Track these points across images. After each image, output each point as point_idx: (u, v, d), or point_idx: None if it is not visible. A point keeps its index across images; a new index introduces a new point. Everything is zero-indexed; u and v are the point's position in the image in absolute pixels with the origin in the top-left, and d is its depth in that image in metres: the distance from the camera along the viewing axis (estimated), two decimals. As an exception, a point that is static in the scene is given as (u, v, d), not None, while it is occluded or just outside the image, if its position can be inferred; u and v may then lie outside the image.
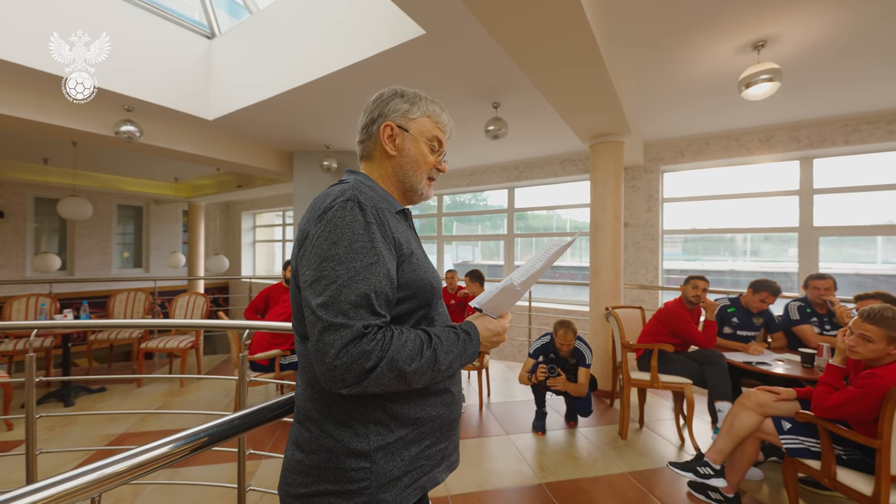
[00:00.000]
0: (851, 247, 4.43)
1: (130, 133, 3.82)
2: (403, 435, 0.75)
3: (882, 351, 1.65)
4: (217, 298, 9.14)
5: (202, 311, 4.76)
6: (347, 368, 0.65)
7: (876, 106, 3.71)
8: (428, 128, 0.89)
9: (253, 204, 9.47)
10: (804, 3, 2.25)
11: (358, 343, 0.65)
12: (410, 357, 0.69)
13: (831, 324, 2.80)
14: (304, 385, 0.80)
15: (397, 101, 0.87)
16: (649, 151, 5.03)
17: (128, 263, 8.63)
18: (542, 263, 0.83)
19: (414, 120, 0.87)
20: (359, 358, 0.65)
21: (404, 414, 0.76)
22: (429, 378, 0.73)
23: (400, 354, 0.68)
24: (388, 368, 0.67)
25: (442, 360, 0.74)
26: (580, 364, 2.90)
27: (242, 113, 4.05)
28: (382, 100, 0.88)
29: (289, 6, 3.57)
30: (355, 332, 0.65)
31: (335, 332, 0.65)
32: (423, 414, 0.78)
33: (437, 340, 0.74)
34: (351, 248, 0.69)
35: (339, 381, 0.65)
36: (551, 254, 0.84)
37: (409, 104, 0.87)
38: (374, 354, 0.66)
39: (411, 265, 0.78)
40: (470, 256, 8.98)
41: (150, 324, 1.87)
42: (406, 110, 0.87)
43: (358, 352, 0.65)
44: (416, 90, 0.91)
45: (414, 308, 0.80)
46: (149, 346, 4.15)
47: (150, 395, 3.77)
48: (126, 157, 5.83)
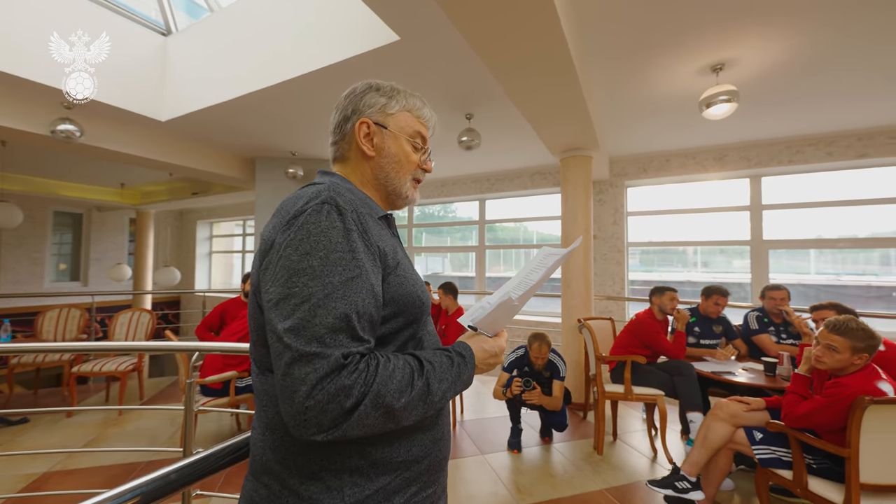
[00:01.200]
0: (789, 259, 4.75)
1: (69, 132, 3.46)
2: (385, 484, 0.62)
3: (846, 361, 1.70)
4: (166, 315, 8.48)
5: (147, 330, 4.33)
6: (323, 409, 0.52)
7: (817, 129, 4.03)
8: (409, 123, 0.79)
9: (210, 212, 8.93)
10: (760, 28, 2.38)
11: (336, 377, 0.53)
12: (399, 390, 0.57)
13: (787, 332, 2.93)
14: (261, 429, 0.65)
15: (373, 94, 0.77)
16: (614, 167, 5.20)
17: (64, 276, 7.85)
18: (539, 275, 0.76)
19: (393, 115, 0.77)
20: (337, 395, 0.52)
21: (386, 458, 0.63)
22: (420, 413, 0.61)
23: (387, 388, 0.56)
24: (373, 406, 0.55)
25: (435, 391, 0.62)
26: (554, 377, 2.85)
27: (200, 114, 3.79)
28: (356, 94, 0.78)
29: (254, 4, 3.40)
30: (333, 364, 0.53)
31: (308, 363, 0.53)
32: (408, 456, 0.65)
33: (428, 367, 0.62)
34: (327, 260, 0.57)
35: (313, 425, 0.52)
36: (550, 264, 0.76)
37: (386, 98, 0.77)
38: (355, 390, 0.53)
39: (398, 278, 0.67)
40: (440, 268, 8.91)
41: (76, 347, 1.62)
42: (383, 105, 0.77)
43: (336, 388, 0.52)
44: (393, 83, 0.81)
45: (401, 327, 0.68)
46: (82, 369, 3.70)
47: (82, 427, 3.34)
48: (65, 160, 5.32)
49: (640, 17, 2.30)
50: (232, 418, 3.41)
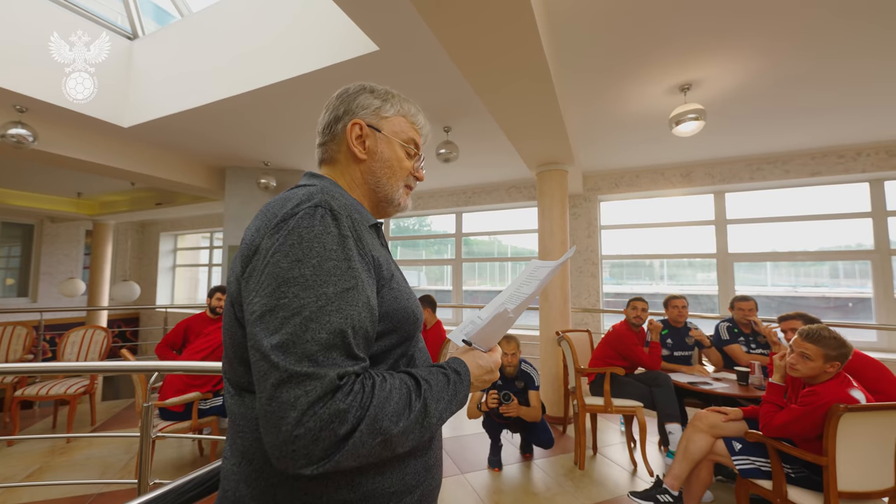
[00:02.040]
0: (747, 272, 4.97)
1: (20, 137, 3.22)
2: None
3: (819, 368, 1.74)
4: (123, 332, 7.96)
5: (102, 349, 4.01)
6: (315, 438, 0.46)
7: (775, 148, 4.27)
8: (403, 129, 0.76)
9: (175, 224, 8.54)
10: (722, 51, 2.51)
11: (330, 400, 0.47)
12: (397, 413, 0.52)
13: (756, 342, 3.02)
14: (235, 458, 0.58)
15: (367, 96, 0.74)
16: (588, 181, 5.34)
17: (10, 292, 7.26)
18: (532, 287, 0.73)
19: (387, 119, 0.74)
20: (331, 422, 0.46)
21: (378, 489, 0.57)
22: (416, 438, 0.55)
23: (384, 411, 0.51)
24: (370, 433, 0.49)
25: (433, 412, 0.56)
26: (529, 387, 2.78)
27: (167, 121, 3.63)
28: (349, 95, 0.74)
29: (225, 11, 3.32)
30: (327, 385, 0.47)
31: (298, 385, 0.47)
32: (401, 486, 0.59)
33: (426, 386, 0.57)
34: (321, 269, 0.52)
35: (301, 456, 0.46)
36: (542, 276, 0.74)
37: (380, 100, 0.74)
38: (350, 415, 0.48)
39: (392, 291, 0.62)
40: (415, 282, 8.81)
41: (20, 369, 1.45)
42: (378, 107, 0.74)
43: (330, 413, 0.46)
44: (388, 87, 0.78)
45: (394, 344, 0.63)
46: (26, 392, 3.37)
47: (25, 456, 3.01)
48: (15, 166, 4.96)
49: (610, 38, 2.38)
50: (194, 444, 3.17)
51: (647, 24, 2.25)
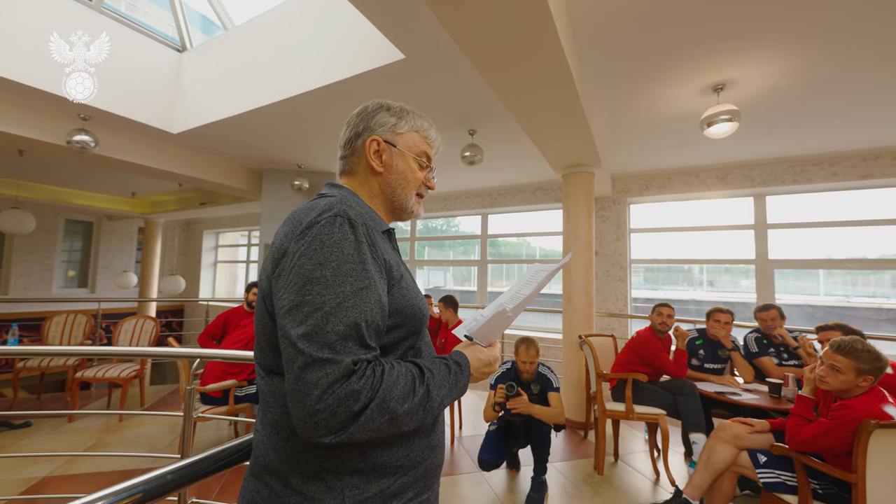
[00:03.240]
0: (797, 280, 4.70)
1: (84, 143, 3.56)
2: (384, 487, 0.65)
3: (851, 382, 1.67)
4: (170, 323, 8.53)
5: (151, 337, 4.36)
6: (333, 412, 0.55)
7: (821, 149, 4.03)
8: (416, 143, 0.84)
9: (216, 223, 9.06)
10: (757, 51, 2.43)
11: (346, 382, 0.56)
12: (403, 396, 0.60)
13: (788, 353, 2.88)
14: (266, 429, 0.67)
15: (383, 114, 0.82)
16: (617, 184, 5.23)
17: (72, 283, 7.95)
18: (531, 289, 0.80)
19: (402, 134, 0.82)
20: (346, 399, 0.55)
21: (386, 462, 0.65)
22: (419, 419, 0.64)
23: (392, 393, 0.59)
24: (379, 411, 0.58)
25: (434, 398, 0.65)
26: (546, 389, 2.60)
27: (210, 127, 3.89)
28: (367, 113, 0.82)
29: (265, 23, 3.53)
30: (344, 369, 0.56)
31: (320, 368, 0.55)
32: (406, 461, 0.67)
33: (429, 374, 0.65)
34: (340, 270, 0.60)
35: (322, 427, 0.55)
36: (541, 278, 0.81)
37: (396, 118, 0.82)
38: (363, 395, 0.56)
39: (401, 290, 0.70)
40: (441, 282, 8.91)
41: (78, 352, 1.64)
42: (393, 124, 0.82)
43: (346, 392, 0.55)
44: (402, 104, 0.86)
45: (402, 337, 0.71)
46: (85, 374, 3.72)
47: (83, 432, 3.35)
48: (78, 169, 5.45)
49: (638, 40, 2.35)
50: (230, 427, 3.39)
51: (677, 26, 2.21)
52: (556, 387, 2.62)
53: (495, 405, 2.48)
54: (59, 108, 3.49)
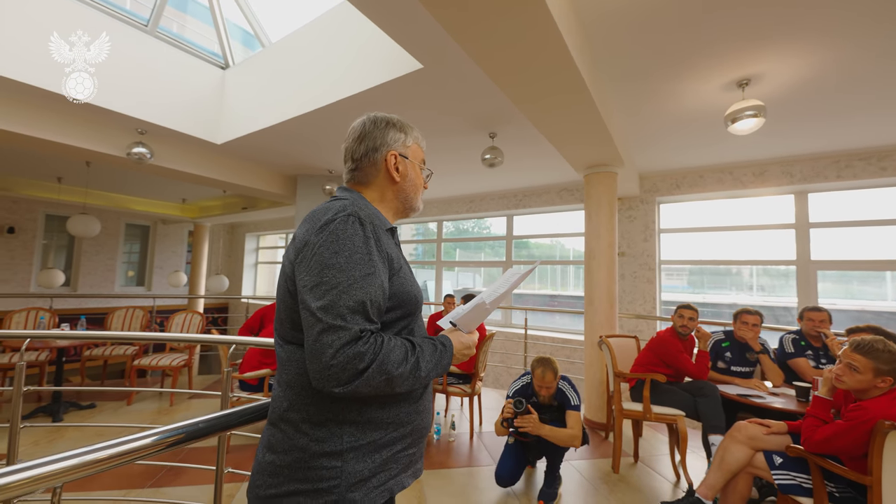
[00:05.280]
0: (860, 284, 4.40)
1: (142, 154, 3.97)
2: (376, 438, 0.79)
3: (868, 382, 1.63)
4: (216, 319, 9.15)
5: (198, 329, 4.77)
6: (343, 368, 0.69)
7: (867, 143, 3.79)
8: (418, 152, 1.01)
9: (257, 226, 9.63)
10: (782, 44, 2.37)
11: (354, 345, 0.70)
12: (398, 362, 0.74)
13: (827, 357, 2.75)
14: (282, 387, 0.82)
15: (395, 132, 0.96)
16: (644, 183, 5.12)
17: (131, 282, 8.73)
18: (505, 287, 0.94)
19: (409, 147, 0.98)
20: (353, 359, 0.69)
21: (379, 417, 0.79)
22: (410, 384, 0.77)
23: (389, 359, 0.73)
24: (378, 371, 0.71)
25: (423, 368, 0.79)
26: (565, 407, 2.37)
27: (250, 138, 4.22)
28: (378, 129, 0.95)
29: (298, 41, 3.79)
30: (352, 335, 0.70)
31: (334, 333, 0.69)
32: (396, 419, 0.82)
33: (419, 350, 0.80)
34: (351, 259, 0.75)
35: (334, 379, 0.69)
36: (514, 280, 0.96)
37: (403, 134, 0.97)
38: (367, 356, 0.70)
39: (400, 279, 0.84)
40: (471, 283, 8.98)
41: (136, 336, 1.90)
42: (403, 139, 0.97)
43: (353, 353, 0.69)
44: (397, 116, 0.99)
45: (399, 317, 0.85)
46: (141, 363, 4.14)
47: (139, 413, 3.74)
48: (136, 178, 6.03)
49: (654, 40, 2.36)
50: (266, 416, 3.66)
51: (697, 21, 2.18)
52: (576, 405, 2.35)
53: (503, 421, 2.31)
54: (120, 123, 3.91)
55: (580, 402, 2.38)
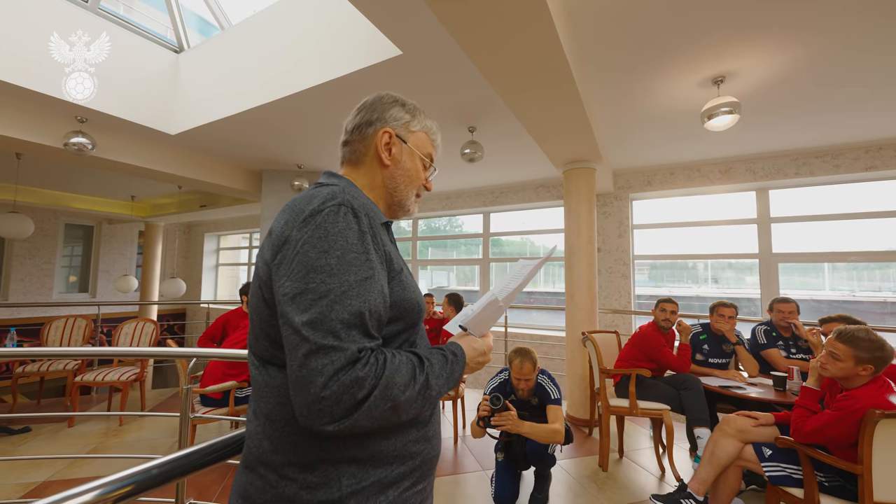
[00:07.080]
0: (802, 275, 4.67)
1: (81, 145, 3.55)
2: (381, 477, 0.63)
3: (850, 370, 1.65)
4: (172, 326, 8.52)
5: (151, 340, 4.34)
6: (338, 399, 0.53)
7: (823, 142, 4.01)
8: (424, 143, 0.85)
9: (217, 225, 9.06)
10: (758, 42, 2.40)
11: (351, 369, 0.55)
12: (405, 384, 0.60)
13: (797, 347, 2.85)
14: (260, 419, 0.65)
15: (399, 109, 0.82)
16: (619, 179, 5.21)
17: (73, 288, 7.96)
18: (519, 281, 0.81)
19: (413, 133, 0.83)
20: (351, 387, 0.54)
21: (383, 451, 0.64)
22: (419, 408, 0.63)
23: (394, 381, 0.58)
24: (382, 398, 0.57)
25: (433, 386, 0.64)
26: (545, 401, 2.23)
27: (209, 128, 3.88)
28: (382, 103, 0.82)
29: (262, 23, 3.51)
30: (349, 357, 0.55)
31: (325, 355, 0.54)
32: (404, 451, 0.66)
33: (428, 364, 0.65)
34: (344, 259, 0.59)
35: (326, 415, 0.53)
36: (527, 271, 0.82)
37: (410, 115, 0.83)
38: (367, 382, 0.55)
39: (401, 283, 0.69)
40: (445, 282, 8.88)
41: (74, 352, 1.63)
42: (407, 121, 0.82)
43: (351, 379, 0.54)
44: (415, 102, 0.85)
45: (400, 330, 0.70)
46: (85, 379, 3.70)
47: (83, 436, 3.33)
48: (77, 173, 5.45)
49: (637, 33, 2.34)
50: (232, 428, 3.37)
51: (676, 17, 2.19)
52: (556, 398, 2.22)
53: (479, 420, 2.11)
54: (55, 110, 3.48)
55: (561, 395, 2.25)
